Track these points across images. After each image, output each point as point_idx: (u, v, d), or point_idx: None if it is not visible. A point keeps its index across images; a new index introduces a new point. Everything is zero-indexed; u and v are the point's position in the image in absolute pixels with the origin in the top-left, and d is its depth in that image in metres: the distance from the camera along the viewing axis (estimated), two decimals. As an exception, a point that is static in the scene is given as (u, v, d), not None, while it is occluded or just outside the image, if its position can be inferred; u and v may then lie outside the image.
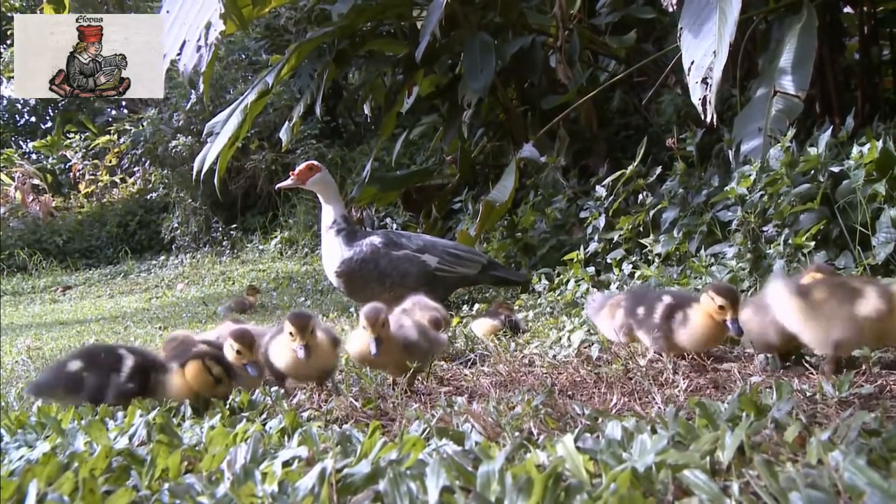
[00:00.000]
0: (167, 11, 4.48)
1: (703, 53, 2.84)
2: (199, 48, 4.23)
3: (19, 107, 17.91)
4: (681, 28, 3.01)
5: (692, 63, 2.88)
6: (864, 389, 1.47)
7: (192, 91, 10.03)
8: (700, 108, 2.82)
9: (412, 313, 2.39)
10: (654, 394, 1.63)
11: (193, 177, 5.08)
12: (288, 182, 3.60)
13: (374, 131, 9.76)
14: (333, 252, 3.54)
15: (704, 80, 2.79)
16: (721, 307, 1.80)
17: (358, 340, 1.89)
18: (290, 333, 1.82)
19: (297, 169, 3.58)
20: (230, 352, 1.84)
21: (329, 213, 3.59)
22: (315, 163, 3.62)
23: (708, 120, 2.80)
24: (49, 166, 15.63)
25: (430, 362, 2.01)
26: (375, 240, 3.52)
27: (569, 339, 2.36)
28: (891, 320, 1.61)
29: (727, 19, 2.77)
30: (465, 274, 3.57)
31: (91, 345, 2.03)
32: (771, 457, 1.03)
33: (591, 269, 3.50)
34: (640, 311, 2.04)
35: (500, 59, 4.81)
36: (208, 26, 4.08)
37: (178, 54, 4.37)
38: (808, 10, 3.45)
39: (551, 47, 5.21)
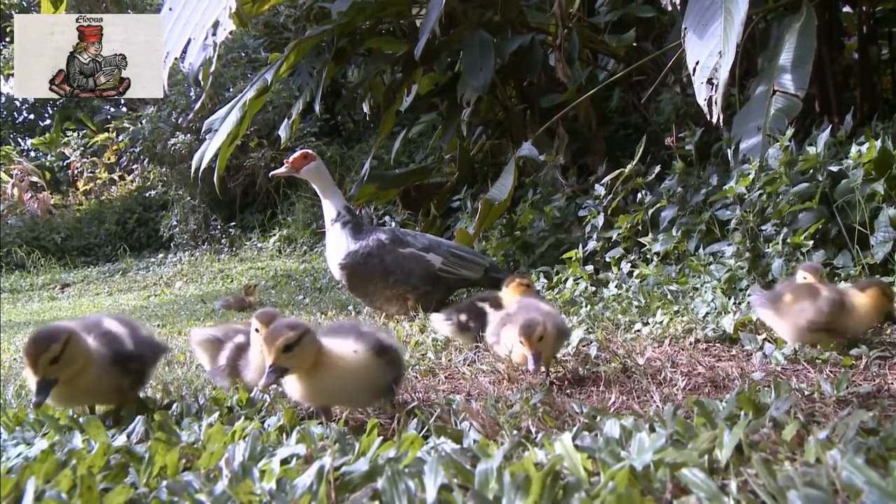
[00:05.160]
0: (170, 9, 4.46)
1: (708, 53, 2.83)
2: (205, 47, 4.21)
3: (18, 104, 17.88)
4: (685, 28, 3.00)
5: (697, 63, 2.86)
6: (862, 388, 1.47)
7: (192, 90, 10.05)
8: (706, 109, 2.81)
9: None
10: (652, 392, 1.63)
11: (192, 174, 5.07)
12: (282, 169, 3.57)
13: (373, 129, 9.76)
14: (339, 244, 3.51)
15: (710, 81, 2.78)
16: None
17: None
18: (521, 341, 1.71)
19: (292, 157, 3.55)
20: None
21: (330, 207, 3.56)
22: (309, 151, 3.59)
23: (714, 120, 2.79)
24: (47, 163, 15.63)
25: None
26: (382, 236, 3.50)
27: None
28: None
29: (733, 19, 2.75)
30: (468, 276, 3.56)
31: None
32: (769, 455, 1.03)
33: (590, 268, 3.51)
34: None
35: (499, 58, 4.80)
36: (216, 25, 4.05)
37: (183, 53, 4.35)
38: (807, 9, 3.45)
39: (550, 46, 5.21)
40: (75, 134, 14.20)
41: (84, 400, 1.59)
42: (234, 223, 10.59)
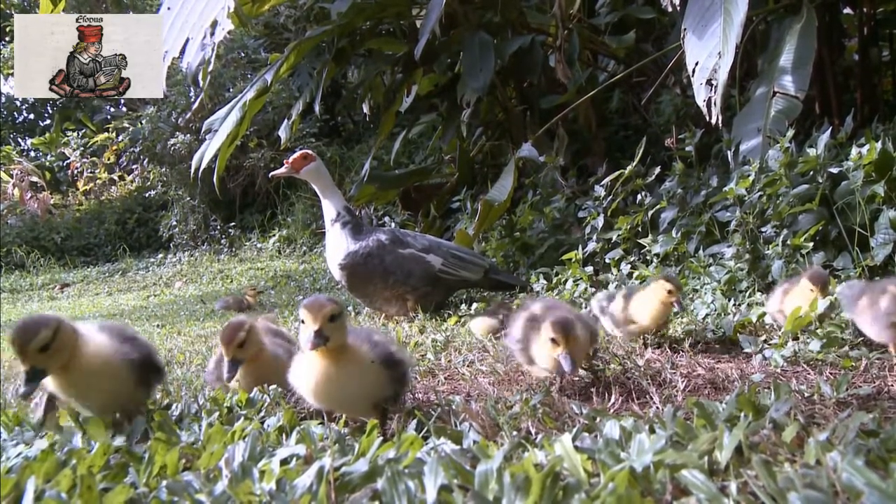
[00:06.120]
0: (168, 8, 4.46)
1: (707, 54, 2.83)
2: (203, 47, 4.22)
3: (18, 104, 17.88)
4: (684, 29, 3.00)
5: (696, 64, 2.86)
6: (862, 390, 1.47)
7: (192, 90, 10.06)
8: (705, 110, 2.81)
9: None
10: (652, 393, 1.63)
11: (192, 174, 5.07)
12: (282, 170, 3.57)
13: (372, 130, 9.77)
14: (339, 245, 3.51)
15: (709, 82, 2.78)
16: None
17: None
18: (553, 340, 1.63)
19: (292, 157, 3.55)
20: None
21: (330, 207, 3.56)
22: (309, 152, 3.58)
23: (713, 121, 2.79)
24: (47, 163, 15.62)
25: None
26: (382, 236, 3.50)
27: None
28: None
29: (733, 20, 2.75)
30: (468, 278, 3.56)
31: None
32: (769, 457, 1.03)
33: (590, 269, 3.51)
34: None
35: (499, 59, 4.81)
36: (214, 25, 4.06)
37: (181, 53, 4.35)
38: (807, 10, 3.45)
39: (550, 47, 5.22)
40: (75, 134, 14.20)
41: (82, 395, 1.47)
42: (233, 223, 10.59)
